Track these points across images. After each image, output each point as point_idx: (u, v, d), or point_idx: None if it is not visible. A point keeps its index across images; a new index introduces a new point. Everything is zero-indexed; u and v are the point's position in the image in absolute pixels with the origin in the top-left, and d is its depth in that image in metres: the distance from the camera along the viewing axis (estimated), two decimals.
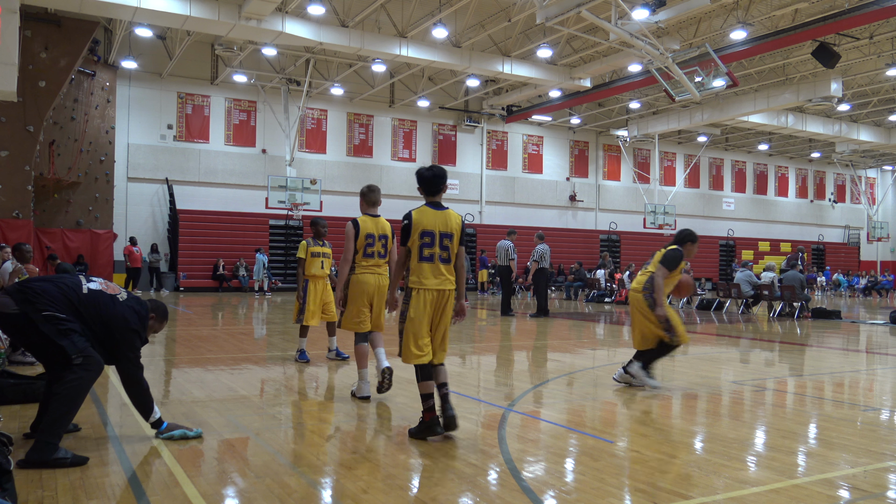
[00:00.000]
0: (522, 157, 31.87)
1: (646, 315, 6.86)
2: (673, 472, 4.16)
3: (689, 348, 10.82)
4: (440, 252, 4.92)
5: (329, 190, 26.35)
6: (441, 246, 4.93)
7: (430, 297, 4.89)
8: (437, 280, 4.90)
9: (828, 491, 3.89)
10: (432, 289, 4.88)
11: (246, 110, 26.03)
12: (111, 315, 4.46)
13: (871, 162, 40.42)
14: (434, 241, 4.91)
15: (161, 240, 24.50)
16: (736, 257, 35.49)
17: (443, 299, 4.93)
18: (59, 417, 4.14)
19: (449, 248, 4.97)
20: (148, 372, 7.51)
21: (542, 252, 15.73)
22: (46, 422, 4.13)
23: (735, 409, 6.21)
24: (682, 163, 36.13)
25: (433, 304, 4.90)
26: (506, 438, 4.88)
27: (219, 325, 13.43)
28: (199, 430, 4.84)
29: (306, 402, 6.26)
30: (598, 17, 17.09)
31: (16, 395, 5.61)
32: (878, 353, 10.79)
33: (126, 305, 4.57)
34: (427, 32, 20.58)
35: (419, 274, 4.88)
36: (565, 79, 23.56)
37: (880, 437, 5.26)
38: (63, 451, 4.10)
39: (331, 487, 3.86)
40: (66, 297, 4.33)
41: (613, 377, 7.17)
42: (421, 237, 4.89)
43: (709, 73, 19.49)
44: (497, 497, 3.71)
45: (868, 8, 17.24)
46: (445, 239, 4.96)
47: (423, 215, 4.96)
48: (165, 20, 18.24)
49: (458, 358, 9.29)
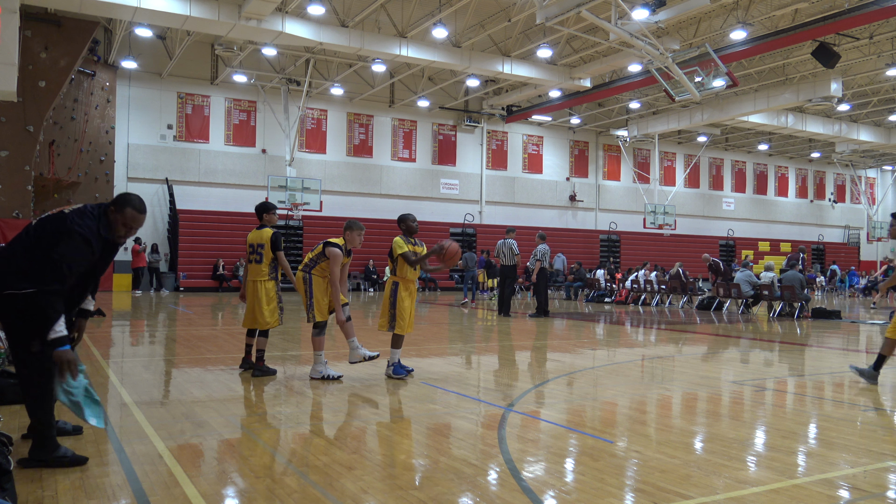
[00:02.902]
0: (522, 157, 31.88)
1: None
2: (673, 472, 4.16)
3: (690, 348, 10.82)
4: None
5: (329, 190, 26.36)
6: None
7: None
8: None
9: (828, 491, 3.88)
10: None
11: (246, 110, 26.03)
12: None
13: (871, 162, 40.43)
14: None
15: (161, 240, 24.51)
16: (736, 257, 35.50)
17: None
18: (30, 403, 4.08)
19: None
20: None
21: (544, 252, 15.79)
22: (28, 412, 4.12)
23: (735, 409, 6.21)
24: (682, 163, 36.13)
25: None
26: (506, 438, 4.88)
27: (219, 325, 13.43)
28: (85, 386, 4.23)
29: (306, 401, 6.26)
30: (598, 17, 17.09)
31: (16, 395, 5.60)
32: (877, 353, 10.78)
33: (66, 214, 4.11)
34: (427, 32, 20.58)
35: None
36: (565, 79, 23.56)
37: (880, 437, 5.26)
38: (63, 449, 4.10)
39: (331, 487, 3.86)
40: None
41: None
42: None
43: (709, 73, 19.49)
44: (497, 497, 3.71)
45: (868, 8, 17.24)
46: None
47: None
48: (165, 20, 18.24)
49: (458, 358, 9.29)
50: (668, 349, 10.64)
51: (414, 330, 7.49)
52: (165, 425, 5.09)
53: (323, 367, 7.11)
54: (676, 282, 21.11)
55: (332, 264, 6.94)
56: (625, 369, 8.32)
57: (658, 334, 13.10)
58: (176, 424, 5.13)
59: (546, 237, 16.30)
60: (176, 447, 4.52)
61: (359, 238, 7.14)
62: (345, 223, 7.18)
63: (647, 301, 21.72)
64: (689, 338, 12.33)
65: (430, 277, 27.96)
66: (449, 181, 29.69)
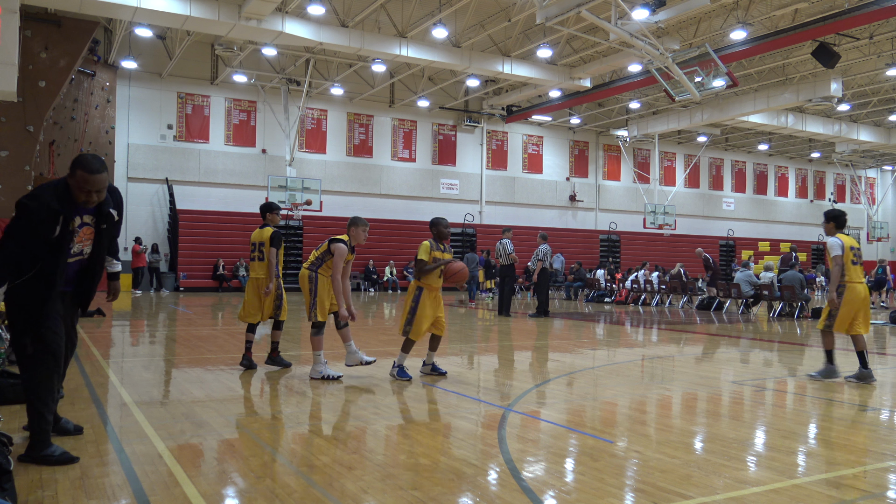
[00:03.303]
0: (522, 157, 31.87)
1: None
2: (673, 472, 4.16)
3: (690, 348, 10.82)
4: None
5: (329, 190, 26.35)
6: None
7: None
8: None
9: (828, 491, 3.88)
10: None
11: (246, 110, 26.03)
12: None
13: (871, 162, 40.43)
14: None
15: (161, 240, 24.50)
16: (736, 257, 35.50)
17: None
18: (27, 408, 4.15)
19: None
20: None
21: (546, 252, 15.83)
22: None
23: (735, 409, 6.21)
24: (682, 163, 36.13)
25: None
26: (506, 438, 4.88)
27: (219, 325, 13.43)
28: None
29: (306, 401, 6.26)
30: (598, 17, 17.09)
31: (16, 394, 5.60)
32: (878, 353, 10.79)
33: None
34: (427, 32, 20.58)
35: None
36: (565, 79, 23.56)
37: (880, 437, 5.26)
38: (53, 447, 4.09)
39: (331, 487, 3.86)
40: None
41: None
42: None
43: (709, 73, 19.49)
44: (497, 497, 3.71)
45: (868, 8, 17.24)
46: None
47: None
48: (165, 20, 18.24)
49: (458, 358, 9.29)
50: (668, 349, 10.64)
51: (446, 334, 7.60)
52: (165, 425, 5.09)
53: (322, 367, 7.11)
54: (676, 282, 21.12)
55: (336, 260, 6.93)
56: (625, 369, 8.32)
57: (658, 334, 13.10)
58: (176, 424, 5.13)
59: (548, 237, 16.33)
60: (176, 447, 4.52)
61: (363, 234, 7.16)
62: (349, 220, 7.20)
63: (647, 301, 21.72)
64: (689, 338, 12.33)
65: None
66: (449, 181, 29.69)
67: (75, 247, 4.19)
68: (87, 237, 4.26)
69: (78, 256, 4.26)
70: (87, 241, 4.27)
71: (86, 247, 4.28)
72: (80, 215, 4.15)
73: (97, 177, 4.01)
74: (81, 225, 4.19)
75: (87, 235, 4.26)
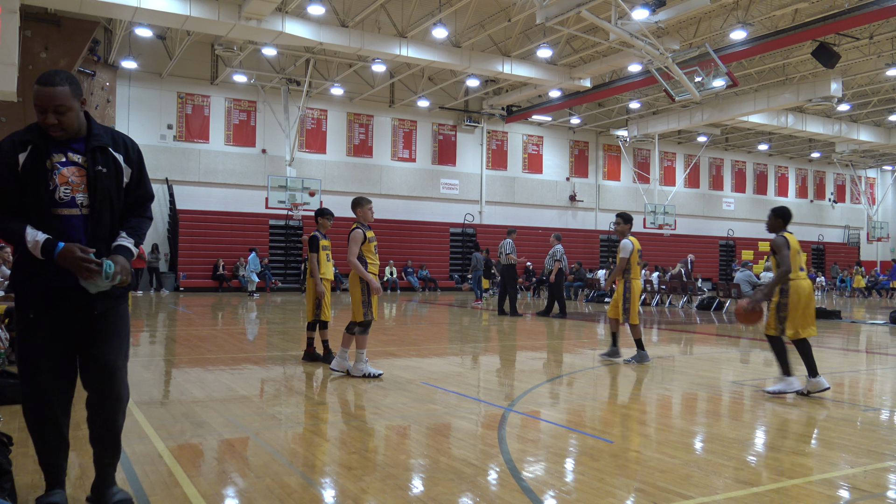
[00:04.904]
0: (522, 157, 31.87)
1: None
2: (673, 472, 4.16)
3: (690, 348, 10.82)
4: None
5: (329, 190, 26.33)
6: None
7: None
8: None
9: (828, 491, 3.89)
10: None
11: (246, 110, 26.03)
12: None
13: (871, 162, 40.43)
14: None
15: (161, 240, 24.51)
16: (736, 257, 35.50)
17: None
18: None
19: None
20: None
21: (562, 253, 15.94)
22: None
23: (735, 409, 6.21)
24: (682, 163, 36.13)
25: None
26: (506, 438, 4.88)
27: (219, 325, 13.43)
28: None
29: (306, 401, 6.26)
30: (598, 17, 17.09)
31: (16, 394, 5.61)
32: (878, 353, 10.80)
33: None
34: (427, 32, 20.58)
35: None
36: (565, 79, 23.56)
37: (880, 437, 5.26)
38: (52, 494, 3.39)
39: (331, 487, 3.86)
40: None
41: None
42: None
43: (709, 73, 19.49)
44: (497, 497, 3.71)
45: (868, 8, 17.24)
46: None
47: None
48: (165, 20, 18.24)
49: (458, 358, 9.29)
50: (668, 349, 10.64)
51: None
52: (165, 425, 5.09)
53: (364, 366, 7.22)
54: (676, 282, 21.11)
55: (352, 245, 7.04)
56: (625, 369, 8.32)
57: (658, 334, 13.10)
58: (176, 424, 5.14)
59: (562, 238, 16.46)
60: (176, 447, 4.53)
61: (370, 212, 7.33)
62: (352, 203, 7.34)
63: (647, 301, 21.73)
64: (689, 338, 12.33)
65: (430, 277, 27.99)
66: (449, 181, 29.69)
67: (61, 190, 3.22)
68: (79, 179, 3.27)
69: (73, 208, 3.26)
70: (79, 187, 3.27)
71: (77, 192, 3.27)
72: (62, 152, 3.25)
73: (49, 90, 3.13)
74: (67, 164, 3.25)
75: (78, 178, 3.27)
